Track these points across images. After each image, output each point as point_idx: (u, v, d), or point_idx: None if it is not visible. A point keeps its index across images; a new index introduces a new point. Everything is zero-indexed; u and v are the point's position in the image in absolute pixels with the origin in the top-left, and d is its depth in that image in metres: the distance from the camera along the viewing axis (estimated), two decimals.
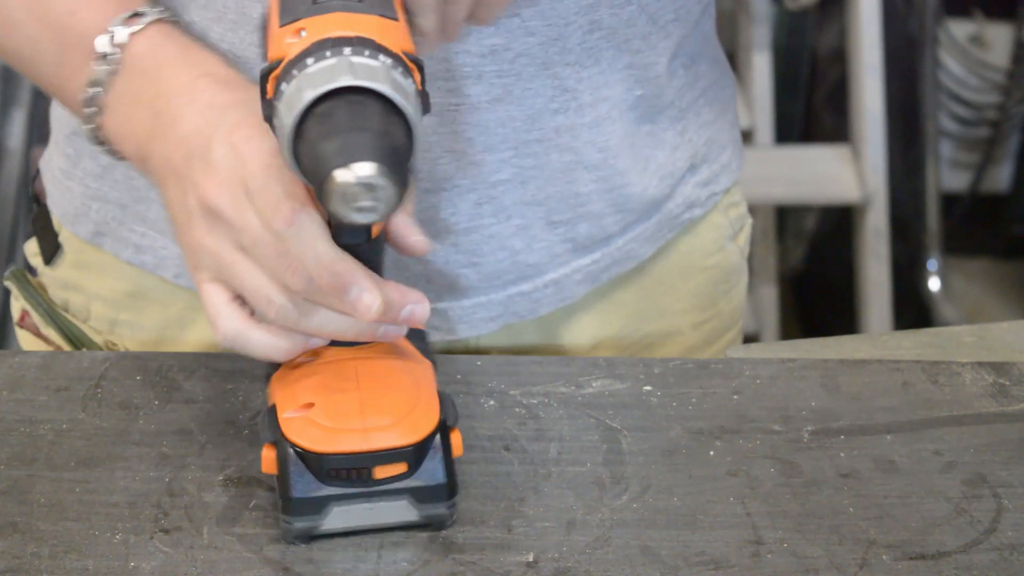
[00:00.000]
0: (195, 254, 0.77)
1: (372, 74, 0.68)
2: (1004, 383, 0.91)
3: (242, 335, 0.76)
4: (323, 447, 0.75)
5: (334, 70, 0.68)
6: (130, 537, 0.77)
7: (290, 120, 0.68)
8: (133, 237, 0.97)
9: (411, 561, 0.76)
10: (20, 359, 0.92)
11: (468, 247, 0.93)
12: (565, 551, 0.77)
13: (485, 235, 0.93)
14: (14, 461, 0.83)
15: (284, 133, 0.68)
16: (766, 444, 0.85)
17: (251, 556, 0.76)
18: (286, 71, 0.69)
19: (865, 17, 2.27)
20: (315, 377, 0.78)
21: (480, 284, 0.95)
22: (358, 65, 0.68)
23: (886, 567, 0.76)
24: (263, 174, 0.74)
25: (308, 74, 0.68)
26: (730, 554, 0.77)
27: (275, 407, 0.77)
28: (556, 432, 0.86)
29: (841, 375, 0.92)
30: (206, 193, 0.75)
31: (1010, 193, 2.70)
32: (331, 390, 0.77)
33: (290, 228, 0.72)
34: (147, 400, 0.88)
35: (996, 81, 2.57)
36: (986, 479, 0.83)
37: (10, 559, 0.76)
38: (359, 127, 0.67)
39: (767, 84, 2.38)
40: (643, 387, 0.90)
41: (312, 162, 0.67)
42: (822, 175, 2.35)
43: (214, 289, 0.77)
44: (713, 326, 1.07)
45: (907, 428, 0.87)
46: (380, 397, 0.77)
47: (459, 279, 0.95)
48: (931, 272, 2.50)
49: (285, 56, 0.70)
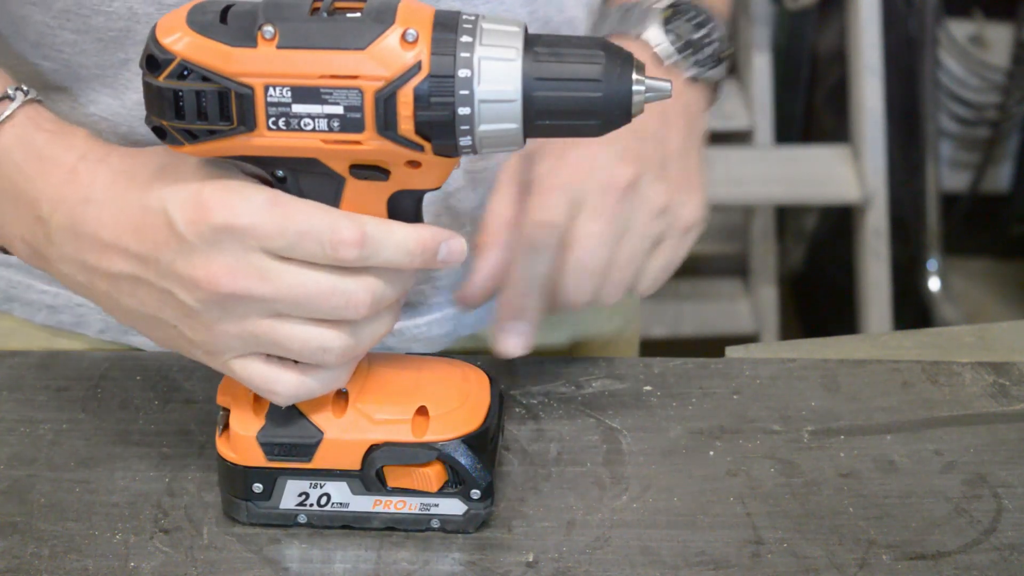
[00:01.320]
0: (209, 345, 0.71)
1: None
2: (1004, 383, 0.91)
3: (304, 389, 0.72)
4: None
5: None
6: (130, 537, 0.77)
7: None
8: (45, 299, 0.94)
9: (411, 561, 0.76)
10: (20, 359, 0.92)
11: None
12: (565, 551, 0.77)
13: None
14: (14, 461, 0.83)
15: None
16: (766, 444, 0.85)
17: (251, 556, 0.76)
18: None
19: (865, 17, 2.27)
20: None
21: (436, 300, 0.94)
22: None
23: (886, 567, 0.76)
24: (284, 221, 0.68)
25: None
26: (730, 554, 0.77)
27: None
28: (556, 432, 0.86)
29: (841, 375, 0.92)
30: (215, 283, 0.69)
31: (1010, 193, 2.69)
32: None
33: (363, 246, 0.68)
34: (147, 400, 0.88)
35: (996, 81, 2.57)
36: (986, 479, 0.83)
37: (10, 559, 0.76)
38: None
39: (767, 84, 2.38)
40: (643, 387, 0.90)
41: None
42: (822, 175, 2.35)
43: (249, 364, 0.72)
44: (616, 325, 1.07)
45: (907, 428, 0.87)
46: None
47: (415, 295, 0.93)
48: (931, 272, 2.50)
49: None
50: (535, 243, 0.82)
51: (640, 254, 0.84)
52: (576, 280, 0.83)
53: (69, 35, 0.83)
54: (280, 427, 0.76)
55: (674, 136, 0.87)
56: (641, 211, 0.83)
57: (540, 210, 0.82)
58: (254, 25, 0.66)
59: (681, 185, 0.86)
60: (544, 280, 0.82)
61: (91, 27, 0.82)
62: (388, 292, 0.71)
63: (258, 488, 0.77)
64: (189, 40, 0.66)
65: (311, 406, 0.76)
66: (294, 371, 0.72)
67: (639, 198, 0.83)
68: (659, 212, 0.84)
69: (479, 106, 0.66)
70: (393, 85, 0.66)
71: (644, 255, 0.84)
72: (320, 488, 0.77)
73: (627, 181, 0.82)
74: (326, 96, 0.66)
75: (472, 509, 0.77)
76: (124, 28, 0.82)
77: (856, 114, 2.31)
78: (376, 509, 0.77)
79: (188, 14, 0.67)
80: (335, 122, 0.67)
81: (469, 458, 0.76)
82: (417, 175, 0.70)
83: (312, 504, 0.77)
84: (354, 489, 0.77)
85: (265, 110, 0.66)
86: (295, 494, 0.77)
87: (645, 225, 0.84)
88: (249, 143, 0.68)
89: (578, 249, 0.82)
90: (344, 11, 0.67)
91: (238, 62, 0.66)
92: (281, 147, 0.68)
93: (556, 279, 0.83)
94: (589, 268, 0.82)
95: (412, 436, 0.76)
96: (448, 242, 0.71)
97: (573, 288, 0.83)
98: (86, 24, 0.82)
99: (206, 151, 0.68)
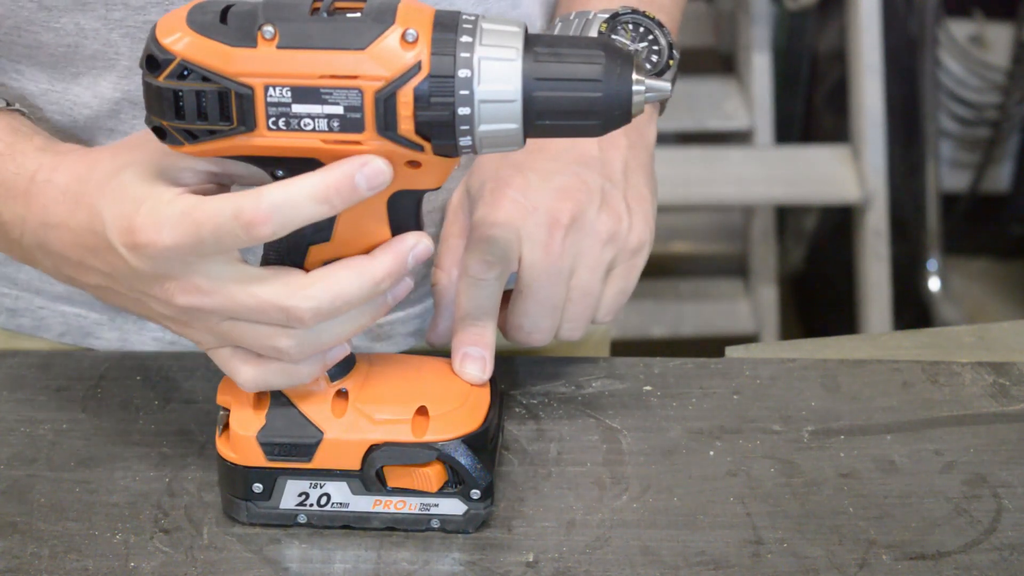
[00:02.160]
0: (189, 336, 0.74)
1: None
2: (1004, 383, 0.91)
3: (262, 380, 0.74)
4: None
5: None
6: (130, 537, 0.77)
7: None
8: (6, 301, 0.94)
9: (411, 561, 0.76)
10: (20, 359, 0.92)
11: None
12: (565, 551, 0.77)
13: None
14: (14, 461, 0.83)
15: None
16: (766, 444, 0.85)
17: (251, 556, 0.76)
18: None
19: (865, 17, 2.27)
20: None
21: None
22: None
23: (886, 567, 0.76)
24: (196, 228, 0.68)
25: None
26: (730, 554, 0.77)
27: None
28: (556, 432, 0.86)
29: (841, 375, 0.92)
30: (171, 300, 0.71)
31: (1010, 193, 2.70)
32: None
33: (272, 218, 0.67)
34: (147, 400, 0.88)
35: (996, 81, 2.57)
36: (986, 479, 0.83)
37: (10, 559, 0.76)
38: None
39: (767, 84, 2.38)
40: (643, 387, 0.90)
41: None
42: (822, 175, 2.35)
43: (219, 354, 0.74)
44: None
45: (907, 428, 0.87)
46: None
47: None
48: (931, 272, 2.50)
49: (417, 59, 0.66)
50: (475, 278, 0.83)
51: (594, 285, 0.85)
52: (533, 321, 0.84)
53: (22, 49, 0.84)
54: (280, 427, 0.76)
55: (615, 156, 0.87)
56: (587, 243, 0.84)
57: (476, 250, 0.83)
58: (254, 25, 0.66)
59: (625, 208, 0.86)
60: (492, 309, 0.83)
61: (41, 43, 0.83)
62: (339, 298, 0.70)
63: (258, 488, 0.77)
64: (189, 40, 0.66)
65: (311, 406, 0.76)
66: (257, 363, 0.73)
67: (584, 231, 0.84)
68: (606, 240, 0.84)
69: (479, 106, 0.66)
70: (393, 85, 0.66)
71: (598, 285, 0.85)
72: (320, 488, 0.77)
73: (570, 217, 0.83)
74: (326, 96, 0.66)
75: (472, 509, 0.77)
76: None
77: (856, 114, 2.31)
78: (376, 509, 0.77)
79: (188, 14, 0.67)
80: (335, 122, 0.67)
81: (469, 458, 0.76)
82: (417, 175, 0.70)
83: (312, 504, 0.77)
84: (354, 489, 0.77)
85: (265, 110, 0.66)
86: (295, 494, 0.77)
87: (594, 257, 0.84)
88: (249, 143, 0.68)
89: (529, 292, 0.83)
90: (344, 11, 0.67)
91: (238, 62, 0.66)
92: (281, 147, 0.68)
93: (512, 321, 0.85)
94: (545, 307, 0.84)
95: (412, 436, 0.75)
96: (362, 171, 0.68)
97: (529, 328, 0.85)
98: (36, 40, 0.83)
99: (206, 151, 0.68)
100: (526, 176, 0.84)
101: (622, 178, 0.87)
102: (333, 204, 0.68)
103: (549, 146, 0.86)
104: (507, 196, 0.84)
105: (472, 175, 0.89)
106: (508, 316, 0.85)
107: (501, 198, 0.84)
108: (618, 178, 0.87)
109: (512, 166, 0.85)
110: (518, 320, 0.85)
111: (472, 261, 0.83)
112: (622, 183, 0.87)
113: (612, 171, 0.86)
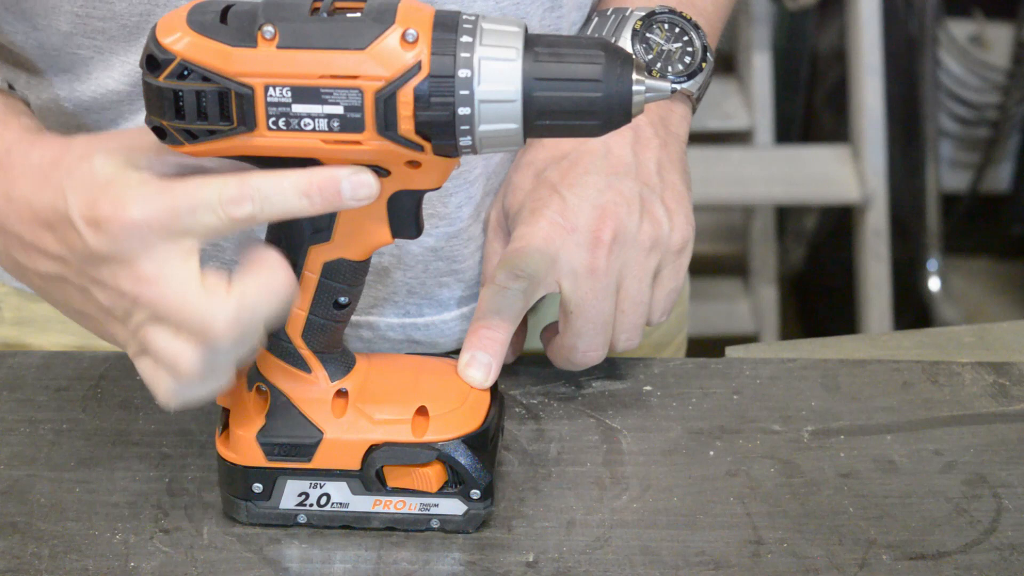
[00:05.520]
0: (120, 341, 0.72)
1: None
2: (1004, 383, 0.91)
3: (179, 395, 0.70)
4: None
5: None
6: (130, 537, 0.77)
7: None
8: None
9: (411, 561, 0.76)
10: (20, 359, 0.92)
11: (449, 253, 0.91)
12: (565, 551, 0.77)
13: (465, 238, 0.91)
14: (14, 461, 0.83)
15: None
16: (766, 444, 0.85)
17: (251, 556, 0.76)
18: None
19: (865, 17, 2.27)
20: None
21: (463, 294, 0.94)
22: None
23: (886, 567, 0.76)
24: (174, 202, 0.67)
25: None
26: (730, 554, 0.77)
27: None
28: (556, 432, 0.86)
29: (841, 375, 0.92)
30: (119, 285, 0.69)
31: (1010, 193, 2.69)
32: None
33: (252, 199, 0.67)
34: (147, 400, 0.88)
35: (996, 81, 2.57)
36: (986, 479, 0.83)
37: (10, 559, 0.76)
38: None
39: (767, 84, 2.38)
40: (643, 387, 0.90)
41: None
42: (822, 175, 2.35)
43: (140, 363, 0.71)
44: (663, 331, 1.06)
45: (907, 428, 0.87)
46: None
47: (441, 290, 0.93)
48: (931, 272, 2.50)
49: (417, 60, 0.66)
50: (499, 285, 0.83)
51: (643, 294, 0.85)
52: (587, 341, 0.85)
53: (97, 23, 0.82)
54: (280, 427, 0.76)
55: (649, 157, 0.87)
56: (632, 255, 0.84)
57: (507, 262, 0.83)
58: (254, 25, 0.66)
59: (664, 211, 0.86)
60: (510, 316, 0.82)
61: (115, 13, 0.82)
62: (255, 317, 0.68)
63: (258, 488, 0.77)
64: (189, 40, 0.66)
65: (311, 406, 0.76)
66: (168, 379, 0.70)
67: (627, 244, 0.84)
68: (650, 248, 0.85)
69: (479, 106, 0.66)
70: (393, 85, 0.66)
71: (647, 292, 0.85)
72: (320, 488, 0.77)
73: (611, 234, 0.84)
74: (326, 96, 0.66)
75: (472, 509, 0.77)
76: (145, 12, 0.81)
77: (856, 114, 2.31)
78: (376, 509, 0.77)
79: (188, 14, 0.67)
80: (335, 122, 0.67)
81: (469, 458, 0.76)
82: (417, 175, 0.70)
83: (312, 504, 0.77)
84: (354, 489, 0.77)
85: (265, 110, 0.67)
86: (295, 494, 0.77)
87: (639, 266, 0.85)
88: (249, 143, 0.68)
89: (580, 311, 0.84)
90: (344, 11, 0.67)
91: (238, 62, 0.66)
92: (281, 147, 0.68)
93: (565, 343, 0.85)
94: (596, 325, 0.84)
95: (412, 436, 0.75)
96: (350, 178, 0.68)
97: (584, 348, 0.85)
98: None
99: (206, 151, 0.68)
100: (563, 196, 0.85)
101: (658, 180, 0.87)
102: (313, 201, 0.67)
103: (582, 160, 0.86)
104: (545, 217, 0.84)
105: (508, 195, 0.89)
106: (560, 340, 0.86)
107: (540, 219, 0.84)
108: (654, 181, 0.87)
109: (548, 186, 0.86)
110: (571, 341, 0.85)
111: (500, 271, 0.83)
112: (659, 185, 0.87)
113: (647, 174, 0.86)
